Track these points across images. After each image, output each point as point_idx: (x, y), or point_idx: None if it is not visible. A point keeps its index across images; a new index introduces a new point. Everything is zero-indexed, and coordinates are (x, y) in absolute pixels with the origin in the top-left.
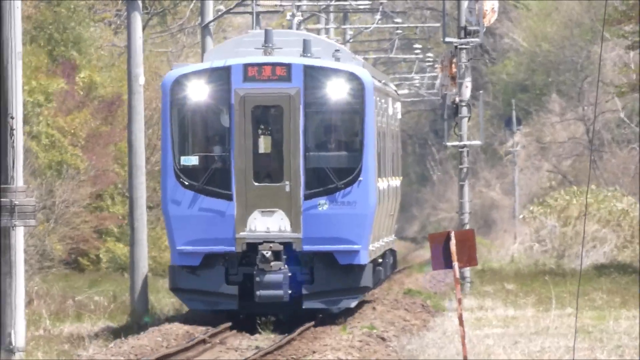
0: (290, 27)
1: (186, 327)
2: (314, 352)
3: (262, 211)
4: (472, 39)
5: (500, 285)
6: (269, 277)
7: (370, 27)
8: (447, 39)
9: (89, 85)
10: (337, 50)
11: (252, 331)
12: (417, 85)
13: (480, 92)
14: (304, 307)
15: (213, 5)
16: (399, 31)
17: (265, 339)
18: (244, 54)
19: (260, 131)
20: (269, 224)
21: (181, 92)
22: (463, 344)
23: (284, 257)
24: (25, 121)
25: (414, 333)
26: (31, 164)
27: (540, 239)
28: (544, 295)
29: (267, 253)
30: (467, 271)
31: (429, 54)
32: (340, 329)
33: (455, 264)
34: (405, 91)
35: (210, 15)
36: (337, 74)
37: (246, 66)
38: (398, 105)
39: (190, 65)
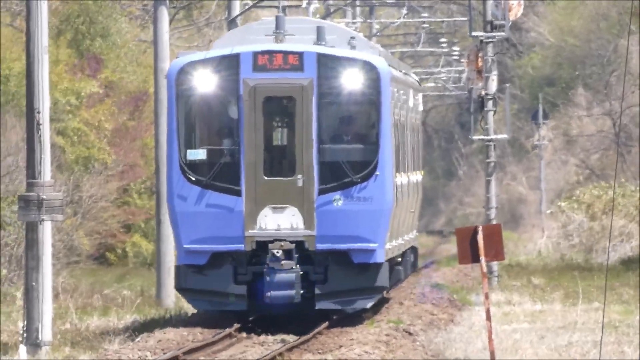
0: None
1: (213, 321)
2: (340, 346)
3: (273, 207)
4: (498, 33)
5: (527, 280)
6: (280, 277)
7: (396, 22)
8: (473, 33)
9: (109, 84)
10: (352, 38)
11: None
12: (444, 79)
13: (507, 85)
14: (316, 307)
15: None
16: (425, 25)
17: (291, 333)
18: (254, 42)
19: (271, 123)
20: (280, 221)
21: (187, 82)
22: (490, 339)
23: (296, 255)
24: (56, 119)
25: (440, 327)
26: (58, 159)
27: (568, 233)
28: (571, 290)
29: (277, 252)
30: (495, 265)
31: (455, 48)
32: (367, 323)
33: (482, 258)
34: (432, 85)
35: (236, 9)
36: (352, 62)
37: (256, 54)
38: (419, 96)
39: (197, 53)
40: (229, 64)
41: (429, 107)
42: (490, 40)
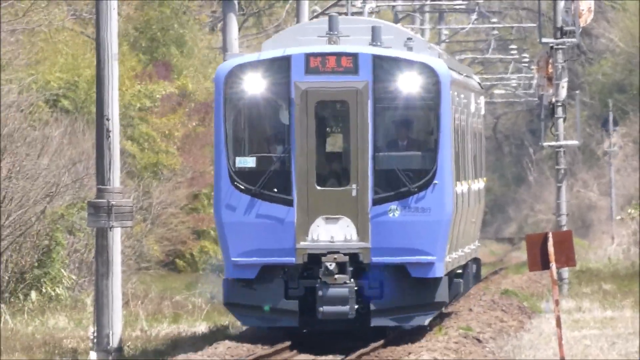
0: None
1: (280, 329)
2: (409, 353)
3: (326, 218)
4: (568, 39)
5: (597, 286)
6: (334, 292)
7: (466, 28)
8: (543, 39)
9: (183, 90)
10: (409, 39)
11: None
12: (514, 85)
13: (577, 92)
14: (372, 324)
15: (309, 5)
16: (495, 31)
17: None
18: (306, 43)
19: (323, 129)
20: (333, 233)
21: (235, 85)
22: (560, 345)
23: (350, 269)
24: (127, 124)
25: (510, 334)
26: (128, 165)
27: (638, 240)
28: None
29: (331, 265)
30: (565, 272)
31: (525, 55)
32: (436, 331)
33: (553, 265)
34: (502, 92)
35: (305, 16)
36: (409, 65)
37: (308, 56)
38: (481, 100)
39: (246, 55)
40: (280, 66)
41: (499, 113)
42: (561, 46)
